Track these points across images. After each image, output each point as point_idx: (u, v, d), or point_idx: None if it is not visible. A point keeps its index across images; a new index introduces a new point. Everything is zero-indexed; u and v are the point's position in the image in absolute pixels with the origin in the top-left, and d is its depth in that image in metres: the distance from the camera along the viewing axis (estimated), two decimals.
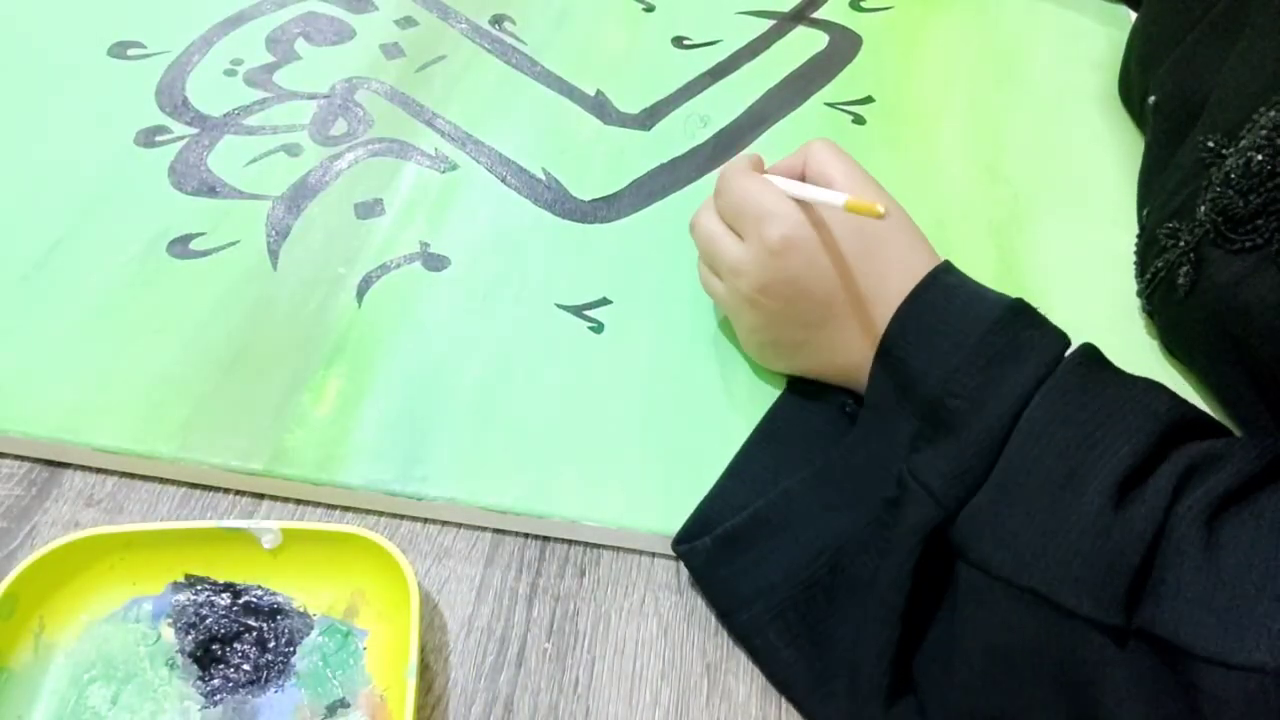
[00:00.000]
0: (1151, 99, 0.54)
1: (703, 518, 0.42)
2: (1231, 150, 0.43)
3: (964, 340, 0.37)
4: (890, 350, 0.39)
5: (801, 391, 0.46)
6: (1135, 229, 0.52)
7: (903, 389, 0.39)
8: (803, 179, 0.44)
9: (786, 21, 0.68)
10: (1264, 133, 0.41)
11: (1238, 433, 0.41)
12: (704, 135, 0.60)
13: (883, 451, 0.39)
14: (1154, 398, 0.35)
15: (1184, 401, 0.35)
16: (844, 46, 0.66)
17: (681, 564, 0.43)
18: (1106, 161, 0.59)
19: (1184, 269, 0.44)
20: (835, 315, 0.42)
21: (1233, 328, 0.41)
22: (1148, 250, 0.49)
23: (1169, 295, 0.45)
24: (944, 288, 0.39)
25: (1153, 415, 0.34)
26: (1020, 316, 0.38)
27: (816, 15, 0.69)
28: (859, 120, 0.61)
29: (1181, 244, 0.44)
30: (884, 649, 0.36)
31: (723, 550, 0.40)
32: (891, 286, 0.40)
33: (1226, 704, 0.29)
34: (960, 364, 0.37)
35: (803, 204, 0.41)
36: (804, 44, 0.66)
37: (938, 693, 0.36)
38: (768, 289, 0.42)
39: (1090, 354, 0.37)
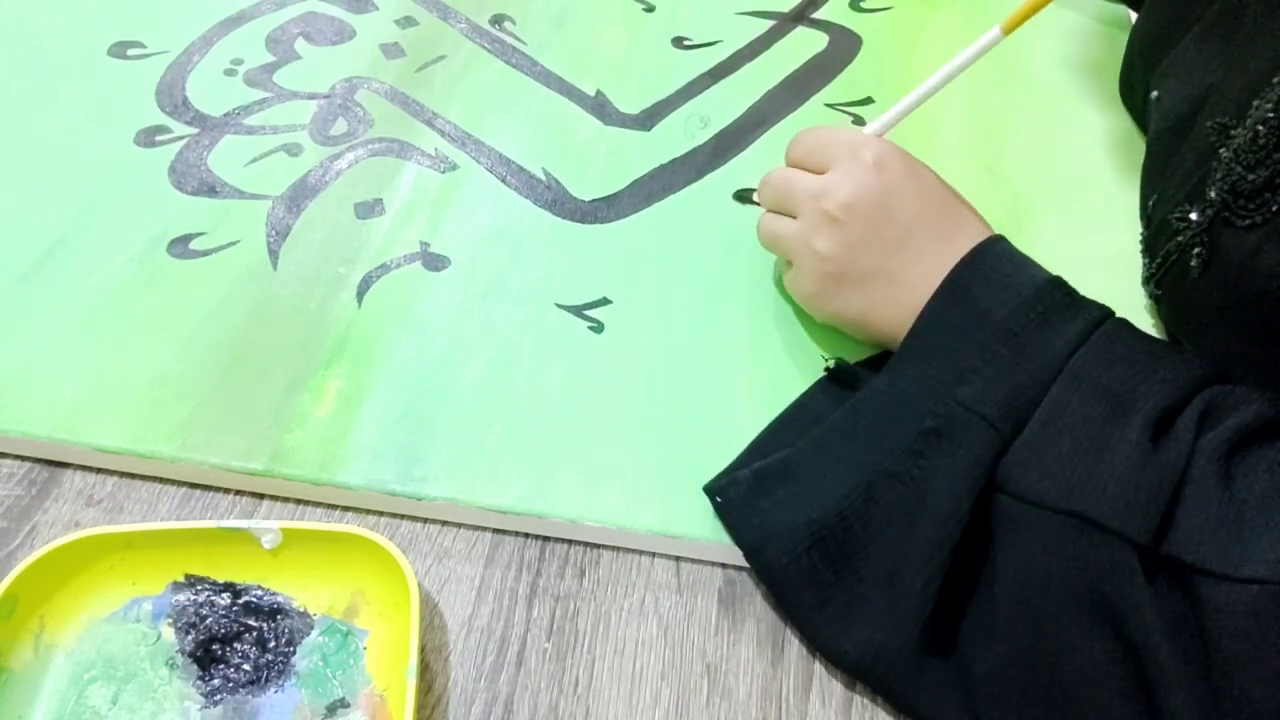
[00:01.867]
0: (1154, 94, 0.54)
1: (735, 468, 0.43)
2: (1240, 129, 0.43)
3: (1027, 286, 0.40)
4: (957, 285, 0.41)
5: (837, 381, 0.46)
6: (1136, 228, 0.52)
7: (961, 324, 0.40)
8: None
9: (786, 22, 0.68)
10: (1269, 106, 0.41)
11: None
12: (704, 136, 0.60)
13: (920, 386, 0.40)
14: (1189, 355, 0.39)
15: (1210, 365, 0.38)
16: (844, 47, 0.66)
17: (681, 563, 0.43)
18: (1106, 161, 0.59)
19: (1196, 250, 0.44)
20: (911, 244, 0.43)
21: (1246, 304, 0.42)
22: (1157, 237, 0.49)
23: (1180, 279, 0.46)
24: (1009, 247, 0.43)
25: (1189, 367, 0.37)
26: (1068, 285, 0.41)
27: (816, 15, 0.69)
28: (859, 121, 0.61)
29: (1194, 226, 0.45)
30: (932, 576, 0.37)
31: (761, 483, 0.41)
32: (965, 234, 0.43)
33: (1229, 615, 0.31)
34: (1025, 304, 0.40)
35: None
36: (804, 44, 0.66)
37: (978, 644, 0.38)
38: (854, 205, 0.43)
39: (1127, 321, 0.40)
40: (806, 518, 0.40)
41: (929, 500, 0.38)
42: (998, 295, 0.40)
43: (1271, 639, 0.31)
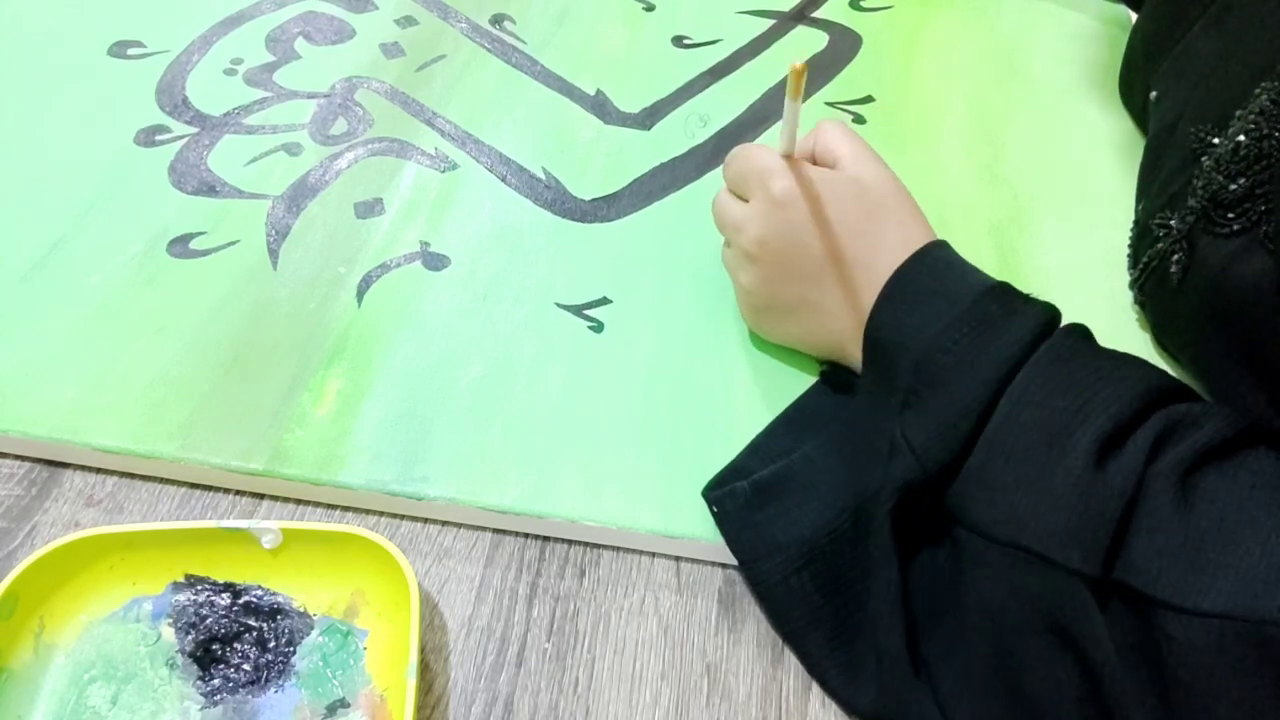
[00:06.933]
0: (1153, 94, 0.54)
1: (734, 471, 0.43)
2: (1222, 138, 0.43)
3: (959, 301, 0.39)
4: (885, 309, 0.40)
5: (831, 384, 0.46)
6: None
7: (896, 347, 0.40)
8: (813, 159, 0.45)
9: (786, 21, 0.68)
10: (1251, 118, 0.41)
11: None
12: (704, 135, 0.60)
13: (882, 411, 0.40)
14: (1139, 367, 0.37)
15: (1166, 373, 0.37)
16: (844, 46, 0.66)
17: (681, 563, 0.43)
18: (1106, 161, 0.59)
19: (1176, 257, 0.44)
20: (830, 274, 0.42)
21: (1223, 312, 0.42)
22: (1140, 242, 0.49)
23: (1161, 285, 0.46)
24: (942, 257, 0.41)
25: (1136, 381, 0.35)
26: (1011, 289, 0.40)
27: (816, 15, 0.69)
28: (859, 120, 0.61)
29: (1174, 233, 0.45)
30: (893, 609, 0.37)
31: (757, 496, 0.41)
32: (888, 254, 0.41)
33: (1191, 649, 0.30)
34: (953, 322, 0.38)
35: (804, 165, 0.43)
36: (804, 43, 0.66)
37: (946, 667, 0.37)
38: (766, 241, 0.43)
39: (1080, 330, 0.38)
40: (799, 535, 0.40)
41: (871, 530, 0.38)
42: (929, 311, 0.39)
43: (1232, 677, 0.30)
